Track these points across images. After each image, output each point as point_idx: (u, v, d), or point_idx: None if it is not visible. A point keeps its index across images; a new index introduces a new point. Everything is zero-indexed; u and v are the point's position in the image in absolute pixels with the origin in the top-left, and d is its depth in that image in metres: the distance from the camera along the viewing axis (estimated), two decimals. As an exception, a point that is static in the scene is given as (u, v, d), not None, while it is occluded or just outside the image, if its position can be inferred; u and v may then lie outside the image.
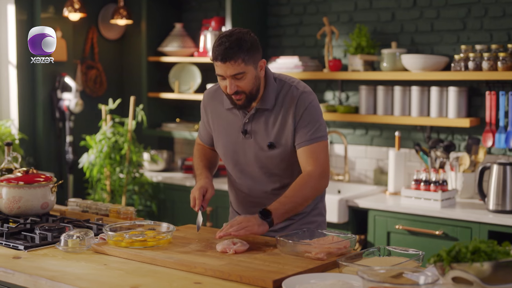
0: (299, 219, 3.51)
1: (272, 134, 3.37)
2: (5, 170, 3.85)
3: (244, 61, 3.19)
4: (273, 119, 3.37)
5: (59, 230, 3.29)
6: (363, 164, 5.87)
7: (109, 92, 6.96)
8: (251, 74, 3.25)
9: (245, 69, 3.21)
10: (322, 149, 3.34)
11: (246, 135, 3.41)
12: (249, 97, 3.30)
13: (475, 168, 5.18)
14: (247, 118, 3.40)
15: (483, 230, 4.63)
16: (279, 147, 3.37)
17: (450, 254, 2.23)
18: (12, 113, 6.30)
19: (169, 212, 6.19)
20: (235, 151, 3.46)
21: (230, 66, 3.18)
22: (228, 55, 3.17)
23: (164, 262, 2.86)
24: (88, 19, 6.75)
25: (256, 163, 3.43)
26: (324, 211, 3.65)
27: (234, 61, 3.18)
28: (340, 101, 5.92)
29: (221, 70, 3.21)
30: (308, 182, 3.29)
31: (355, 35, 5.58)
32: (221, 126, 3.50)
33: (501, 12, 5.16)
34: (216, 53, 3.20)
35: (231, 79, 3.22)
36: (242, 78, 3.22)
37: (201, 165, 3.57)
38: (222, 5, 6.57)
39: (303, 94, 3.35)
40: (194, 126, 6.48)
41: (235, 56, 3.17)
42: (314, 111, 3.35)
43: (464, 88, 5.23)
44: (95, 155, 6.06)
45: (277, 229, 3.46)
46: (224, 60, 3.17)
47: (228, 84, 3.23)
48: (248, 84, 3.25)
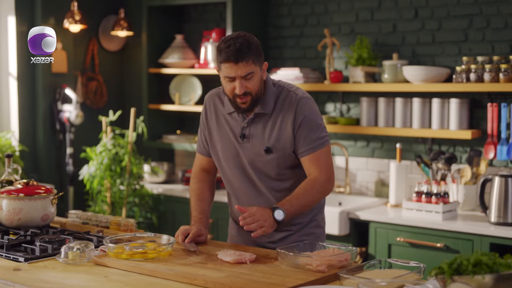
0: (297, 229, 3.51)
1: (269, 139, 3.38)
2: (5, 182, 3.83)
3: (254, 62, 3.26)
4: (271, 124, 3.39)
5: (59, 242, 3.28)
6: (364, 176, 5.86)
7: (109, 103, 6.95)
8: (258, 75, 3.31)
9: (254, 70, 3.27)
10: (325, 154, 3.39)
11: (244, 140, 3.42)
12: (255, 99, 3.33)
13: (476, 180, 5.17)
14: (245, 123, 3.42)
15: (485, 242, 4.62)
16: (275, 152, 3.38)
17: (451, 266, 2.22)
18: (12, 125, 6.30)
19: (169, 224, 6.17)
20: (232, 156, 3.47)
21: (242, 66, 3.23)
22: (240, 55, 3.22)
23: (164, 274, 2.85)
24: (89, 31, 6.76)
25: (252, 168, 3.43)
26: (323, 223, 3.64)
27: (246, 62, 3.23)
28: (341, 113, 5.91)
29: (231, 71, 3.25)
30: (315, 187, 3.33)
31: (356, 47, 5.58)
32: (219, 130, 3.52)
33: (503, 23, 5.16)
34: (227, 54, 3.23)
35: (240, 79, 3.26)
36: (251, 78, 3.28)
37: (195, 205, 3.59)
38: (222, 17, 6.57)
39: (302, 99, 3.37)
40: (195, 138, 6.48)
41: (247, 57, 3.23)
42: (313, 116, 3.38)
43: (466, 100, 5.23)
44: (95, 167, 6.05)
45: (276, 240, 3.48)
46: (237, 60, 3.21)
47: (237, 84, 3.27)
48: (255, 85, 3.30)
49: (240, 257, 3.03)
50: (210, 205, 3.62)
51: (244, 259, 3.03)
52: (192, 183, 3.66)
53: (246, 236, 3.54)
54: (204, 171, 3.68)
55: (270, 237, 3.48)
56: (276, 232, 3.42)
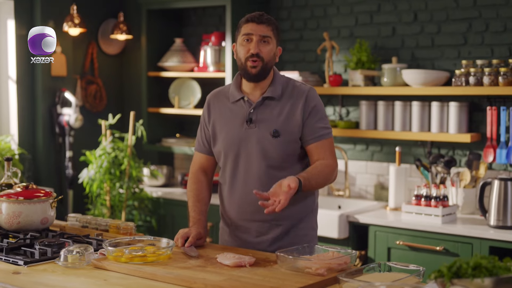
0: (291, 226, 3.53)
1: (277, 122, 3.44)
2: (5, 185, 3.83)
3: (273, 31, 3.44)
4: (279, 109, 3.47)
5: (58, 245, 3.28)
6: (364, 179, 5.86)
7: (109, 107, 6.96)
8: (273, 46, 3.47)
9: (271, 36, 3.44)
10: (331, 145, 3.54)
11: (250, 124, 3.46)
12: (264, 67, 3.44)
13: (476, 183, 5.17)
14: (252, 108, 3.47)
15: (484, 246, 4.62)
16: (283, 136, 3.43)
17: (451, 270, 2.22)
18: (12, 128, 6.30)
19: (169, 228, 6.17)
20: (237, 143, 3.49)
21: (262, 27, 3.42)
22: (263, 18, 3.42)
23: (164, 278, 2.85)
24: (88, 34, 6.76)
25: (259, 152, 3.45)
26: (316, 226, 3.68)
27: (267, 25, 3.42)
28: (341, 116, 5.92)
29: (251, 29, 3.41)
30: (328, 169, 3.45)
31: (356, 50, 5.58)
32: (223, 120, 3.54)
33: (502, 27, 5.16)
34: (251, 16, 3.45)
35: (257, 41, 3.40)
36: (267, 43, 3.43)
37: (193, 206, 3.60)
38: (222, 20, 6.58)
39: (311, 90, 3.52)
40: (194, 141, 6.47)
41: (268, 22, 3.43)
42: (321, 107, 3.53)
43: (465, 103, 5.23)
44: (95, 170, 6.05)
45: (270, 239, 3.51)
46: (259, 20, 3.41)
47: (253, 44, 3.41)
48: (269, 52, 3.44)
49: (239, 260, 3.04)
50: (207, 206, 3.65)
51: (243, 263, 3.03)
52: (190, 183, 3.67)
53: (240, 240, 3.55)
54: (202, 170, 3.70)
55: (260, 237, 3.50)
56: (267, 231, 3.49)
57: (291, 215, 3.51)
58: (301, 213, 3.55)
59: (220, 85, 6.43)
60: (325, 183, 3.48)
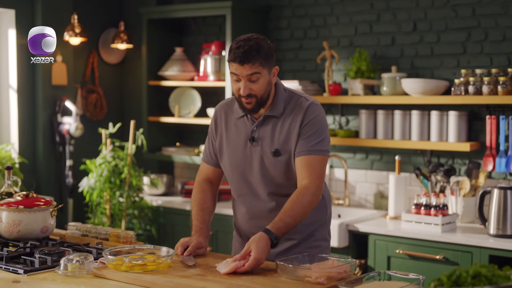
0: (302, 240, 3.50)
1: (278, 141, 3.39)
2: (5, 194, 3.83)
3: (261, 65, 3.29)
4: (280, 127, 3.40)
5: (58, 254, 3.28)
6: (363, 188, 5.87)
7: (109, 116, 6.96)
8: (265, 78, 3.32)
9: (260, 72, 3.29)
10: (321, 164, 3.36)
11: (253, 143, 3.43)
12: (259, 101, 3.34)
13: (475, 192, 5.17)
14: (255, 126, 3.43)
15: (484, 254, 4.62)
16: (284, 154, 3.38)
17: (450, 278, 2.22)
18: (12, 137, 6.30)
19: (169, 236, 6.17)
20: (242, 161, 3.47)
21: (247, 68, 3.26)
22: (246, 57, 3.25)
23: (164, 286, 2.85)
24: (89, 44, 6.77)
25: (262, 171, 3.42)
26: (329, 236, 3.63)
27: (252, 64, 3.26)
28: (340, 125, 5.92)
29: (236, 70, 3.29)
30: (306, 197, 3.28)
31: (355, 59, 5.59)
32: (229, 136, 3.52)
33: (501, 36, 5.17)
34: (234, 55, 3.27)
35: (246, 80, 3.29)
36: (257, 80, 3.30)
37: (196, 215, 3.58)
38: (222, 30, 6.59)
39: (312, 105, 3.39)
40: (194, 150, 6.49)
41: (253, 59, 3.26)
42: (319, 123, 3.38)
43: (465, 112, 5.24)
44: (95, 179, 6.05)
45: (280, 252, 3.47)
46: (242, 62, 3.25)
47: (242, 85, 3.30)
48: (261, 87, 3.32)
49: (235, 265, 3.03)
50: (211, 215, 3.62)
51: (239, 265, 3.02)
52: (194, 192, 3.66)
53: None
54: (208, 181, 3.68)
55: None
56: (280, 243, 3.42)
57: (302, 230, 3.48)
58: (313, 226, 3.52)
59: (220, 94, 6.49)
60: (306, 213, 3.31)
